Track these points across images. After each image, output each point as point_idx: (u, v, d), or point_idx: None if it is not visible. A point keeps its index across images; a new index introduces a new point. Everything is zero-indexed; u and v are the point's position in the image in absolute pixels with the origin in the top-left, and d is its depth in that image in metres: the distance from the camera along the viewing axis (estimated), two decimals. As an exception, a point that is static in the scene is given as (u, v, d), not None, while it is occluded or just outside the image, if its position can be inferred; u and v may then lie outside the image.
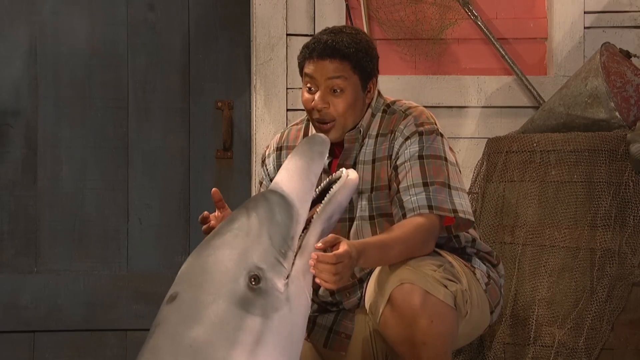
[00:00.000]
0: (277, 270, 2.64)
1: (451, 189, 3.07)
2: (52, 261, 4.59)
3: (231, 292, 2.58)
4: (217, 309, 2.56)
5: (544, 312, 3.92)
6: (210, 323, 2.55)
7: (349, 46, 3.08)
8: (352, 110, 3.12)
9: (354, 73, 3.10)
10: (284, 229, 2.69)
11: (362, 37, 3.15)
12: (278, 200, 2.70)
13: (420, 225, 3.01)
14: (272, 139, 3.39)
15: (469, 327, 3.12)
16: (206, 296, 2.58)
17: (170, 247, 4.62)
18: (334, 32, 3.12)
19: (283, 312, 2.63)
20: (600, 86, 4.06)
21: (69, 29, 4.59)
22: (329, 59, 3.08)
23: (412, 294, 2.92)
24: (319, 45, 3.08)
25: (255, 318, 2.58)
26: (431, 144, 3.10)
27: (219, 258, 2.63)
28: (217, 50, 4.64)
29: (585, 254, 3.89)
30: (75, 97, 4.60)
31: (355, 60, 3.09)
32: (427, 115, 3.17)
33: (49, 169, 4.58)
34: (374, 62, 3.16)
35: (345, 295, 3.21)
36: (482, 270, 3.20)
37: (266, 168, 3.36)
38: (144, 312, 4.57)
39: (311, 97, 3.11)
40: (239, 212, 2.72)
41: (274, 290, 2.62)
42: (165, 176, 4.63)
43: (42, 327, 4.56)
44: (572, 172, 3.93)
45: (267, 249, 2.65)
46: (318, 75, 3.09)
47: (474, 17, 4.54)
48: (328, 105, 3.09)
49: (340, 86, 3.08)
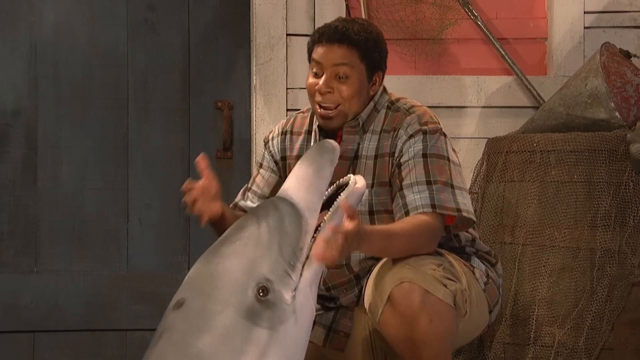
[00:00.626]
0: (285, 282, 2.64)
1: (454, 188, 3.08)
2: (52, 261, 4.58)
3: (239, 303, 2.58)
4: (225, 319, 2.56)
5: (544, 312, 3.91)
6: (218, 334, 2.54)
7: (359, 33, 3.10)
8: (356, 99, 3.13)
9: (361, 62, 3.11)
10: (294, 240, 2.68)
11: (374, 29, 3.18)
12: (288, 210, 2.70)
13: (425, 223, 3.02)
14: (276, 126, 3.40)
15: (468, 326, 3.11)
16: (214, 305, 2.57)
17: (170, 247, 4.62)
18: (346, 20, 3.16)
19: (289, 324, 2.63)
20: (600, 86, 4.05)
21: (69, 29, 4.58)
22: (338, 44, 3.09)
23: (412, 293, 2.92)
24: (329, 30, 3.11)
25: (262, 330, 2.58)
26: (435, 143, 3.11)
27: (227, 267, 2.63)
28: (217, 50, 4.63)
29: (585, 254, 3.88)
30: (75, 97, 4.59)
31: (364, 48, 3.10)
32: (430, 114, 3.19)
33: (49, 169, 4.58)
34: (383, 55, 3.18)
35: (342, 292, 3.22)
36: (481, 270, 3.21)
37: (269, 150, 3.36)
38: (144, 312, 4.56)
39: (316, 81, 3.12)
40: (249, 219, 2.72)
41: (281, 302, 2.62)
42: (165, 176, 4.62)
43: (42, 327, 4.56)
44: (572, 172, 3.92)
45: (276, 260, 2.65)
46: (325, 60, 3.10)
47: (474, 17, 4.54)
48: (332, 90, 3.11)
49: (346, 73, 3.10)
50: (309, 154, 2.81)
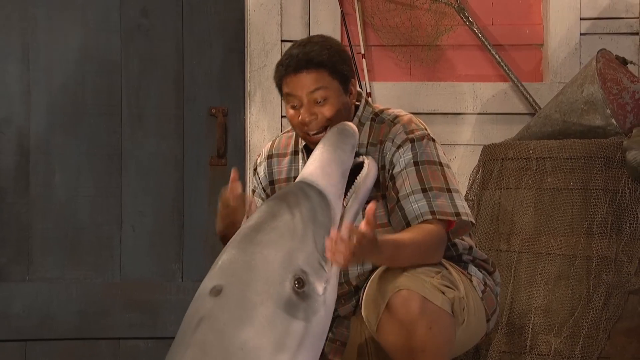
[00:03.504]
0: (319, 275, 2.69)
1: (451, 192, 3.07)
2: (45, 269, 4.57)
3: (278, 295, 2.62)
4: (266, 311, 2.60)
5: (540, 321, 3.92)
6: (260, 326, 2.59)
7: (321, 53, 3.07)
8: (340, 114, 3.09)
9: (333, 79, 3.08)
10: (326, 231, 2.72)
11: (332, 42, 3.14)
12: (318, 199, 2.75)
13: (430, 231, 3.01)
14: (264, 147, 3.40)
15: (465, 335, 3.10)
16: (254, 296, 2.61)
17: (164, 255, 4.61)
18: (302, 44, 3.11)
19: (320, 315, 2.69)
20: (597, 93, 4.06)
21: (62, 35, 4.58)
22: (306, 71, 3.06)
23: (410, 301, 2.90)
24: (292, 60, 3.07)
25: (300, 322, 2.63)
26: (424, 150, 3.10)
27: (265, 257, 2.66)
28: (211, 57, 4.63)
29: (581, 262, 3.89)
30: (68, 104, 4.58)
31: (331, 65, 3.07)
32: (415, 121, 3.16)
33: (42, 176, 4.57)
34: (349, 63, 3.14)
35: (340, 302, 3.18)
36: (479, 278, 3.19)
37: (258, 177, 3.36)
38: (137, 320, 4.56)
39: (296, 112, 3.10)
40: (280, 206, 2.75)
41: (315, 294, 2.68)
42: (158, 183, 4.61)
43: (35, 336, 4.55)
44: (568, 179, 3.93)
45: (311, 252, 2.69)
46: (298, 92, 3.08)
47: (470, 24, 4.56)
48: (315, 115, 3.08)
49: (323, 96, 3.06)
50: (331, 138, 2.83)
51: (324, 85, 3.06)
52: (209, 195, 4.58)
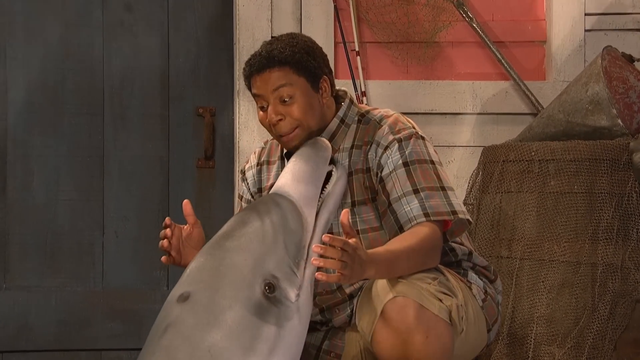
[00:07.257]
0: (291, 280, 2.73)
1: (445, 190, 3.05)
2: (22, 277, 4.56)
3: (247, 299, 2.66)
4: (235, 314, 2.64)
5: (543, 331, 3.91)
6: (229, 329, 2.62)
7: (284, 50, 3.10)
8: (310, 114, 3.11)
9: (298, 76, 3.10)
10: (297, 237, 2.78)
11: (299, 39, 3.17)
12: (290, 207, 2.81)
13: (424, 235, 2.98)
14: (252, 154, 3.42)
15: (464, 346, 3.06)
16: (222, 300, 2.64)
17: (148, 262, 4.58)
18: (269, 43, 3.17)
19: (294, 322, 2.71)
20: (602, 92, 4.04)
21: (41, 31, 4.57)
22: (268, 70, 3.10)
23: (406, 308, 2.87)
24: (256, 60, 3.13)
25: (271, 327, 2.67)
26: (412, 149, 3.09)
27: (234, 262, 2.70)
28: (198, 54, 4.64)
29: (586, 269, 3.87)
30: (47, 103, 4.57)
31: (295, 62, 3.10)
32: (402, 120, 3.17)
33: (19, 179, 4.56)
34: (319, 60, 3.15)
35: (334, 312, 3.20)
36: (479, 286, 3.17)
37: (247, 183, 3.38)
38: (120, 330, 4.55)
39: (265, 114, 3.13)
40: (250, 215, 2.80)
41: (286, 300, 2.72)
42: (143, 187, 4.60)
43: (11, 347, 4.53)
44: (572, 182, 3.91)
45: (282, 257, 2.74)
46: (263, 91, 3.11)
47: (469, 19, 4.55)
48: (283, 116, 3.10)
49: (288, 94, 3.09)
50: (304, 151, 2.90)
51: (288, 82, 3.09)
52: (196, 199, 4.59)
